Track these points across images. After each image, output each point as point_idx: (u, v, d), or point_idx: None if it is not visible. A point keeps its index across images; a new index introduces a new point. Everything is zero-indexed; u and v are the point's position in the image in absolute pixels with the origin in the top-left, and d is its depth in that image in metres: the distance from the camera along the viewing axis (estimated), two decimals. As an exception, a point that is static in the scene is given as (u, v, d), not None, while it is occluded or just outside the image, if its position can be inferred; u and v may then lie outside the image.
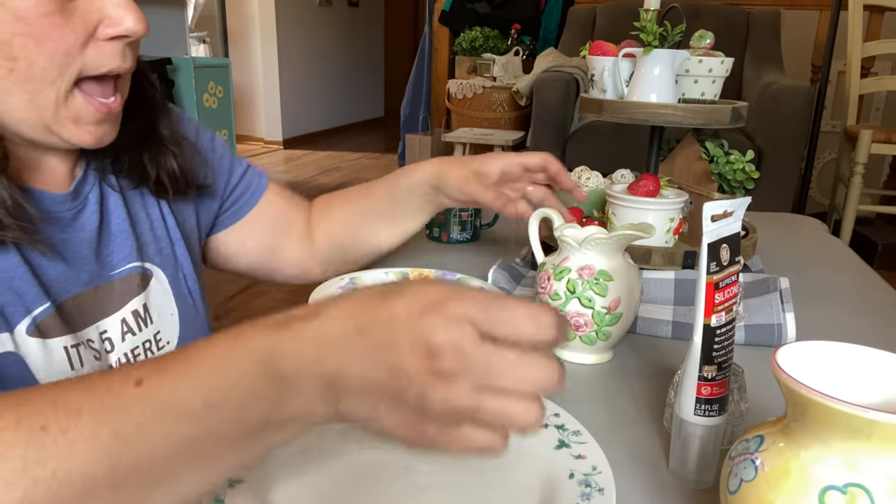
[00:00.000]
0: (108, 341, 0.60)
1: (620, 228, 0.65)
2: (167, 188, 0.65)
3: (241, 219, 0.78)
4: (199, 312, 0.70)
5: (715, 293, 0.47)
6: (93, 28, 0.51)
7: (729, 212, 0.47)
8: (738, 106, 0.93)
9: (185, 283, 0.68)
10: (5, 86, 0.49)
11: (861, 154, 2.67)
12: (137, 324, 0.62)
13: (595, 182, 0.98)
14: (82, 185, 0.60)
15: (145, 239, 0.65)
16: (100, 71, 0.52)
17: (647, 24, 0.89)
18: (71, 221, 0.58)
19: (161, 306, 0.65)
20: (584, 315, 0.66)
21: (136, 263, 0.63)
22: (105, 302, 0.60)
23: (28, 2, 0.47)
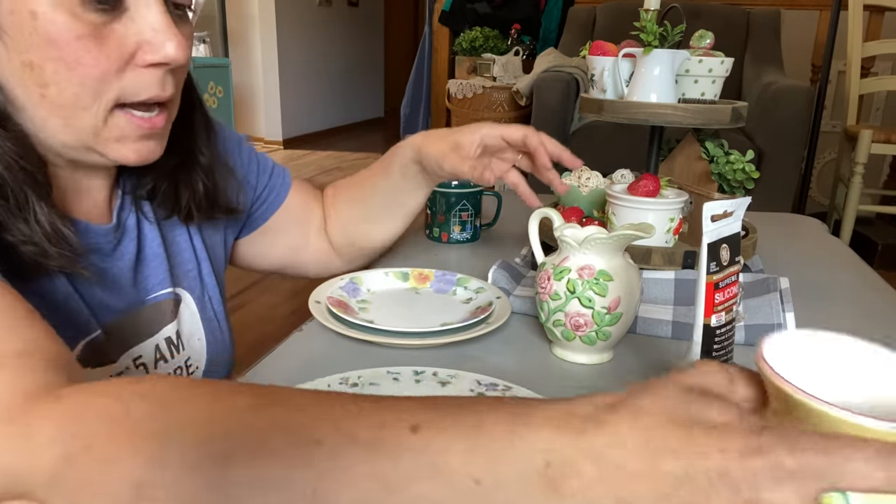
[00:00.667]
0: (143, 367, 0.59)
1: (620, 228, 0.65)
2: (194, 215, 0.64)
3: (265, 222, 0.78)
4: (223, 334, 0.69)
5: (715, 293, 0.47)
6: (130, 54, 0.48)
7: (729, 212, 0.47)
8: (738, 106, 0.93)
9: (211, 306, 0.68)
10: (41, 112, 0.48)
11: (861, 154, 2.67)
12: (171, 350, 0.62)
13: (595, 182, 0.98)
14: (121, 214, 0.60)
15: (174, 262, 0.64)
16: (138, 98, 0.50)
17: (647, 24, 0.89)
18: (111, 251, 0.58)
19: (190, 332, 0.65)
20: (584, 315, 0.66)
21: (170, 289, 0.63)
22: (140, 328, 0.59)
23: (60, 26, 0.45)
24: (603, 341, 0.68)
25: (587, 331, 0.67)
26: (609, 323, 0.66)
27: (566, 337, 0.69)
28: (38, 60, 0.46)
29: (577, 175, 1.01)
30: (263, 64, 5.88)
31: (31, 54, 0.45)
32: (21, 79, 0.47)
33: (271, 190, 0.78)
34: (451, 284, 0.87)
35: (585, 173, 1.00)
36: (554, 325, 0.69)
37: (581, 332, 0.67)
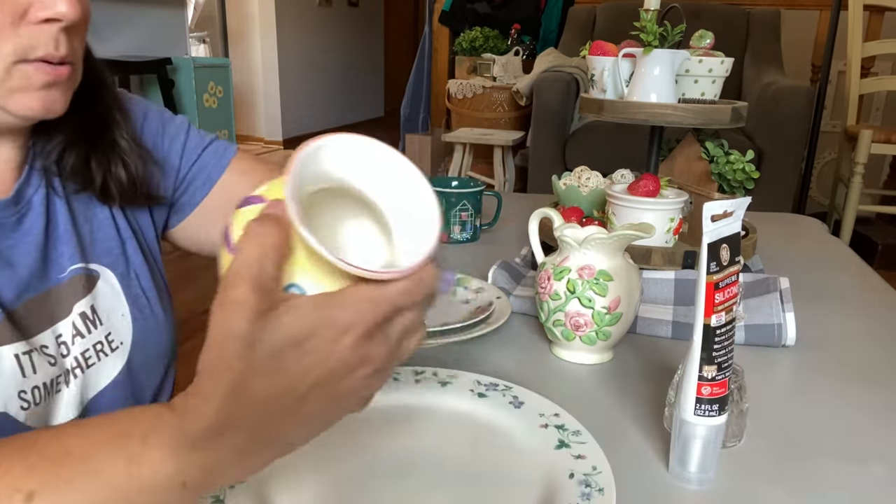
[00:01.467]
0: (64, 345, 0.58)
1: (620, 228, 0.65)
2: (114, 196, 0.62)
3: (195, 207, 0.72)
4: (155, 313, 0.66)
5: (715, 293, 0.47)
6: (23, 10, 0.48)
7: (729, 212, 0.47)
8: (738, 106, 0.93)
9: (139, 283, 0.65)
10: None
11: (861, 154, 2.67)
12: (86, 326, 0.60)
13: (595, 182, 0.98)
14: (25, 189, 0.58)
15: (91, 239, 0.63)
16: (34, 55, 0.50)
17: (647, 24, 0.89)
18: (15, 227, 0.57)
19: (110, 308, 0.63)
20: (584, 315, 0.66)
21: (80, 265, 0.61)
22: (56, 305, 0.58)
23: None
24: (603, 341, 0.68)
25: (587, 331, 0.67)
26: (609, 323, 0.66)
27: (566, 337, 0.69)
28: None
29: (577, 175, 1.01)
30: (263, 64, 5.88)
31: None
32: None
33: (200, 170, 0.72)
34: (451, 284, 0.87)
35: (585, 173, 1.00)
36: (554, 325, 0.69)
37: (581, 332, 0.67)
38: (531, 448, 0.52)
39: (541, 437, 0.53)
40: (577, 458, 0.50)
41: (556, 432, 0.53)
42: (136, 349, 0.64)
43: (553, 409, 0.56)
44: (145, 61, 3.46)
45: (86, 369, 0.59)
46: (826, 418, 0.61)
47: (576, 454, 0.51)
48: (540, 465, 0.50)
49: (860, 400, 0.64)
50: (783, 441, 0.57)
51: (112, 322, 0.62)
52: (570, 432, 0.53)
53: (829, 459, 0.54)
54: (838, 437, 0.58)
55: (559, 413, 0.56)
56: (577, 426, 0.54)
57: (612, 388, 0.65)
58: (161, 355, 0.67)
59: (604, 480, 0.47)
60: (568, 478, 0.48)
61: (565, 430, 0.53)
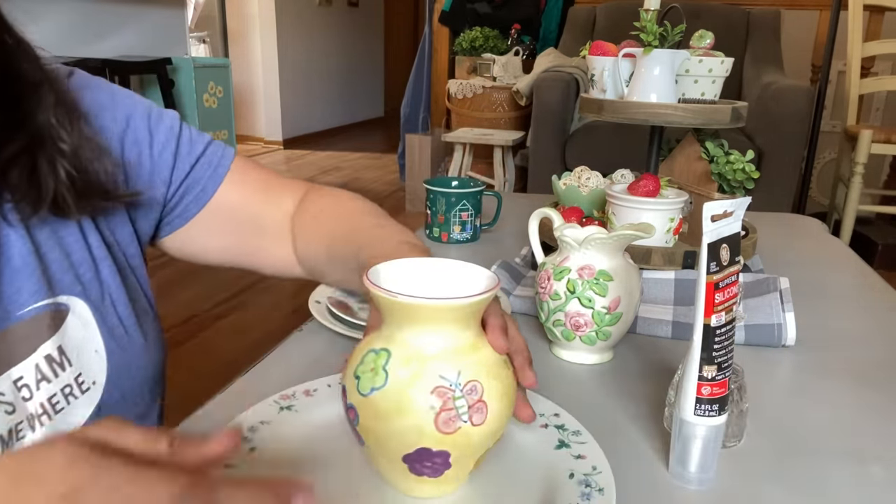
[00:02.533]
0: (26, 388, 0.53)
1: (620, 228, 0.65)
2: (69, 206, 0.54)
3: (188, 221, 0.67)
4: (134, 341, 0.59)
5: (715, 293, 0.47)
6: None
7: (729, 212, 0.47)
8: (738, 106, 0.93)
9: (115, 311, 0.59)
10: None
11: (861, 154, 2.67)
12: (52, 369, 0.54)
13: (595, 182, 0.98)
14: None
15: (57, 268, 0.56)
16: None
17: (647, 24, 0.89)
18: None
19: (81, 345, 0.56)
20: (584, 315, 0.66)
21: (47, 301, 0.54)
22: (14, 347, 0.52)
23: None
24: (603, 341, 0.68)
25: (587, 331, 0.67)
26: (609, 323, 0.66)
27: (566, 337, 0.69)
28: None
29: (577, 175, 1.01)
30: (263, 64, 5.88)
31: None
32: None
33: (195, 182, 0.66)
34: None
35: (585, 173, 1.00)
36: (554, 325, 0.69)
37: (581, 332, 0.67)
38: (531, 448, 0.52)
39: (541, 437, 0.53)
40: (578, 458, 0.50)
41: (556, 432, 0.53)
42: (112, 385, 0.58)
43: (553, 408, 0.56)
44: (145, 61, 3.46)
45: (53, 416, 0.54)
46: (826, 418, 0.61)
47: (576, 454, 0.51)
48: (540, 465, 0.50)
49: (860, 400, 0.64)
50: (783, 441, 0.57)
51: (83, 361, 0.56)
52: (570, 432, 0.53)
53: (830, 459, 0.54)
54: (838, 437, 0.58)
55: (559, 413, 0.56)
56: (577, 426, 0.54)
57: (612, 388, 0.65)
58: (144, 383, 0.61)
59: (604, 480, 0.47)
60: (568, 478, 0.48)
61: (565, 430, 0.53)
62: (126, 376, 0.59)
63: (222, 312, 2.48)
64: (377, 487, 0.48)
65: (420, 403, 0.41)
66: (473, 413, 0.42)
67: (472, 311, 0.43)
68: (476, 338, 0.45)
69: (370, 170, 5.22)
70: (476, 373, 0.43)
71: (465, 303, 0.42)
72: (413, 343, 0.43)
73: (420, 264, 0.48)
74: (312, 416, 0.55)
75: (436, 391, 0.41)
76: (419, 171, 3.74)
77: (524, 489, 0.48)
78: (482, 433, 0.43)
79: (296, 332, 0.76)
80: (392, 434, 0.42)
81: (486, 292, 0.42)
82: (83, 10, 3.37)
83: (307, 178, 4.84)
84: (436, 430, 0.41)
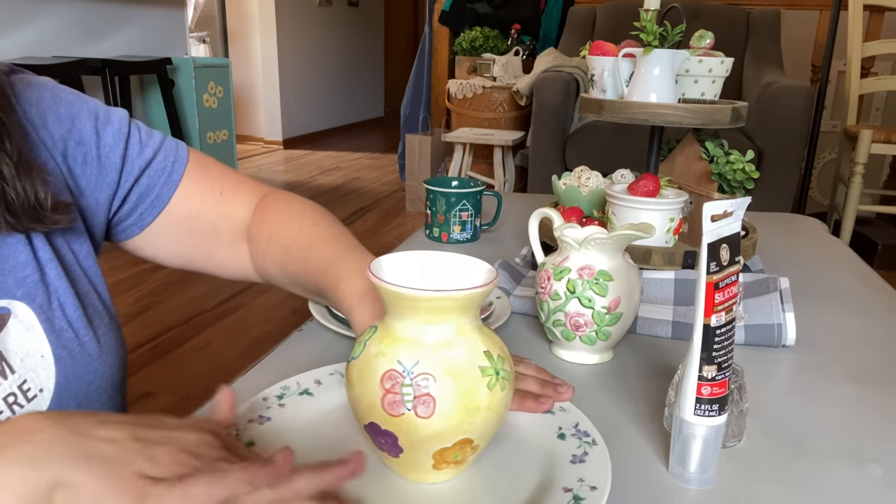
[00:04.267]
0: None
1: (620, 228, 0.65)
2: (19, 222, 0.53)
3: (143, 229, 0.66)
4: (85, 347, 0.57)
5: (715, 293, 0.47)
6: None
7: (729, 212, 0.47)
8: (738, 106, 0.93)
9: (63, 314, 0.56)
10: None
11: (861, 154, 2.67)
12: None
13: (595, 182, 0.98)
14: None
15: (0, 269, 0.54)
16: None
17: (647, 24, 0.89)
18: None
19: (25, 350, 0.53)
20: (584, 315, 0.66)
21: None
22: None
23: None
24: (603, 341, 0.68)
25: (587, 331, 0.67)
26: (609, 323, 0.66)
27: (566, 337, 0.69)
28: None
29: (577, 175, 1.01)
30: (263, 64, 5.88)
31: None
32: None
33: (148, 189, 0.65)
34: None
35: (585, 173, 1.00)
36: (554, 325, 0.69)
37: (581, 332, 0.67)
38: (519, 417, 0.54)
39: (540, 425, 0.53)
40: (560, 410, 0.54)
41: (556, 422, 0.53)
42: (63, 393, 0.55)
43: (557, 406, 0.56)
44: (145, 61, 3.46)
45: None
46: (826, 418, 0.61)
47: (564, 418, 0.54)
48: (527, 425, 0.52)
49: (860, 400, 0.64)
50: (783, 441, 0.57)
51: (27, 367, 0.53)
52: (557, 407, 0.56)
53: (829, 459, 0.54)
54: (838, 438, 0.58)
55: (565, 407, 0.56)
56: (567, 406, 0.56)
57: (612, 388, 0.65)
58: (101, 390, 0.59)
59: (592, 431, 0.51)
60: (558, 438, 0.51)
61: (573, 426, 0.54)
62: (78, 383, 0.56)
63: (222, 312, 2.48)
64: (379, 471, 0.49)
65: (373, 379, 0.44)
66: (419, 404, 0.43)
67: (448, 306, 0.43)
68: (459, 335, 0.44)
69: (370, 170, 5.22)
70: (432, 367, 0.43)
71: (432, 295, 0.42)
72: (396, 327, 0.45)
73: (432, 257, 0.50)
74: (321, 401, 0.57)
75: (388, 373, 0.43)
76: (419, 171, 3.74)
77: (510, 444, 0.51)
78: (430, 426, 0.43)
79: (296, 332, 0.76)
80: (353, 401, 0.46)
81: (465, 289, 0.43)
82: (83, 10, 3.37)
83: (307, 177, 4.84)
84: (382, 409, 0.44)
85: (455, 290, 0.42)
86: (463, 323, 0.45)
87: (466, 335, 0.45)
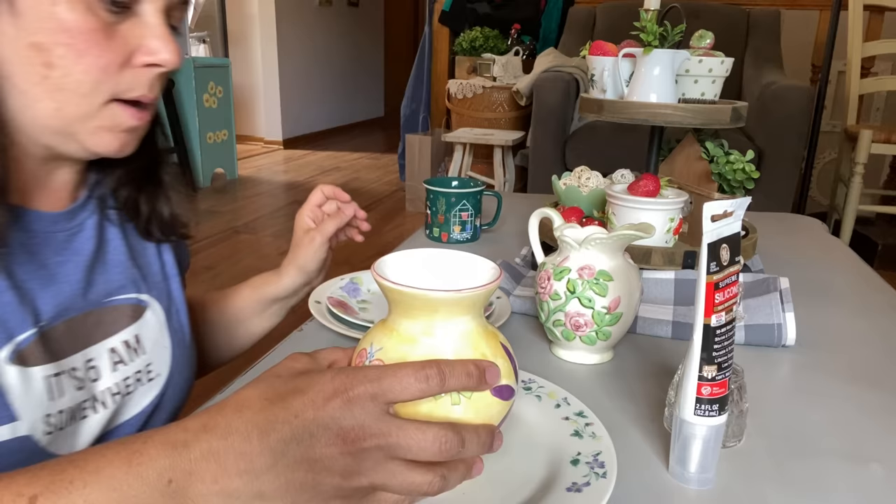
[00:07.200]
0: (94, 370, 0.58)
1: (620, 228, 0.65)
2: (154, 232, 0.66)
3: None
4: (189, 348, 0.69)
5: (715, 293, 0.47)
6: (130, 53, 0.52)
7: (729, 212, 0.47)
8: (738, 106, 0.93)
9: (179, 318, 0.68)
10: (35, 92, 0.50)
11: (861, 154, 2.67)
12: (129, 354, 0.61)
13: (595, 182, 0.98)
14: (80, 210, 0.60)
15: (143, 272, 0.65)
16: (130, 95, 0.53)
17: (647, 24, 0.89)
18: (65, 244, 0.58)
19: (155, 339, 0.64)
20: (584, 315, 0.66)
21: (132, 294, 0.63)
22: (93, 329, 0.59)
23: (76, 15, 0.48)
24: (603, 341, 0.68)
25: (587, 331, 0.67)
26: (609, 323, 0.66)
27: (566, 337, 0.69)
28: (48, 43, 0.48)
29: (577, 175, 1.01)
30: (263, 64, 5.88)
31: (42, 36, 0.48)
32: (25, 58, 0.49)
33: None
34: None
35: (585, 173, 1.00)
36: (554, 325, 0.69)
37: (581, 332, 0.67)
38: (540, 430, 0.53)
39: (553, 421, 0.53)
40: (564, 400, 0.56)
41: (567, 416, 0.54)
42: (171, 380, 0.66)
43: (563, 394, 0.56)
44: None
45: (122, 397, 0.60)
46: (826, 418, 0.61)
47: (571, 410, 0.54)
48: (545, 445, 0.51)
49: (860, 400, 0.64)
50: (783, 441, 0.57)
51: (154, 353, 0.64)
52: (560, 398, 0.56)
53: (829, 459, 0.54)
54: (838, 438, 0.58)
55: (542, 384, 0.56)
56: (564, 394, 0.57)
57: (612, 388, 0.65)
58: (187, 384, 0.69)
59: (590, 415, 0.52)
60: (571, 435, 0.48)
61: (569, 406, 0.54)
62: (180, 373, 0.67)
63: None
64: None
65: (353, 356, 0.46)
66: None
67: (420, 305, 0.42)
68: (429, 337, 0.42)
69: (370, 170, 5.22)
70: (388, 356, 0.42)
71: (403, 289, 0.41)
72: (389, 316, 0.45)
73: (445, 256, 0.50)
74: None
75: (361, 352, 0.45)
76: (419, 171, 3.74)
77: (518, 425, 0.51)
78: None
79: (296, 332, 0.76)
80: None
81: (444, 290, 0.41)
82: (83, 10, 3.37)
83: (307, 178, 4.84)
84: None
85: (423, 289, 0.42)
86: (453, 327, 0.43)
87: (452, 340, 0.43)
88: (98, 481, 0.33)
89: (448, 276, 0.49)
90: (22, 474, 0.34)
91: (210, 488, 0.34)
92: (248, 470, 0.34)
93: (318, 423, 0.35)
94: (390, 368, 0.37)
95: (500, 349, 0.45)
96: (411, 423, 0.36)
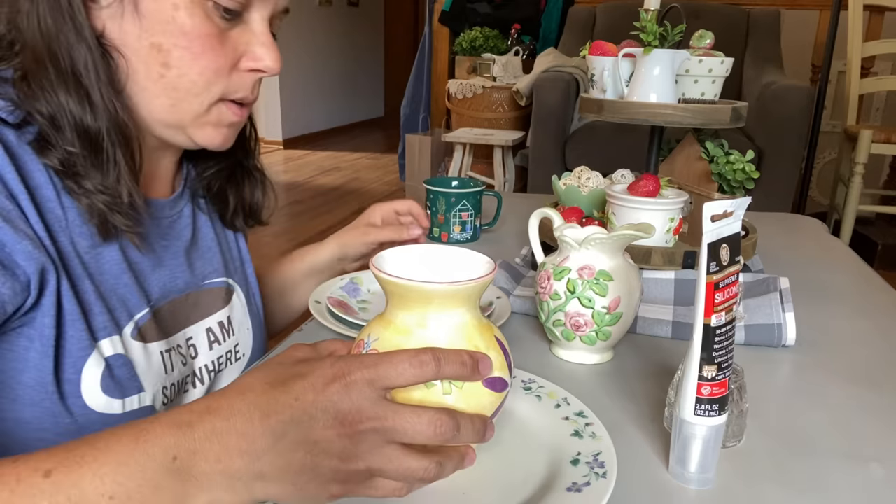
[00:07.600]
0: (193, 348, 0.64)
1: (620, 228, 0.65)
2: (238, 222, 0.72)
3: None
4: (263, 330, 0.75)
5: (715, 293, 0.47)
6: (238, 58, 0.57)
7: (729, 212, 0.47)
8: (738, 106, 0.93)
9: (255, 301, 0.74)
10: (153, 89, 0.55)
11: (861, 154, 2.67)
12: (223, 334, 0.68)
13: (595, 182, 0.98)
14: (179, 199, 0.66)
15: (227, 257, 0.71)
16: (236, 96, 0.59)
17: (647, 24, 0.89)
18: (168, 229, 0.64)
19: (241, 320, 0.71)
20: (584, 315, 0.66)
21: (223, 279, 0.69)
22: (192, 310, 0.64)
23: (195, 20, 0.53)
24: (603, 341, 0.68)
25: (587, 331, 0.67)
26: (609, 323, 0.66)
27: (566, 337, 0.69)
28: (168, 45, 0.53)
29: (577, 175, 1.01)
30: (263, 64, 5.87)
31: (163, 38, 0.53)
32: (146, 57, 0.53)
33: None
34: None
35: (585, 173, 1.00)
36: (554, 325, 0.69)
37: (581, 332, 0.67)
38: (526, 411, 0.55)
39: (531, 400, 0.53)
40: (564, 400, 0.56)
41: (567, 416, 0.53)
42: (252, 360, 0.71)
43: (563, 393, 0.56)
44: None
45: (215, 375, 0.66)
46: (826, 418, 0.61)
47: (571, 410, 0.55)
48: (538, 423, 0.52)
49: (860, 400, 0.64)
50: (783, 441, 0.57)
51: (241, 334, 0.70)
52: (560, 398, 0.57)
53: (829, 459, 0.54)
54: (838, 437, 0.58)
55: (542, 385, 0.56)
56: (564, 394, 0.57)
57: (612, 388, 0.65)
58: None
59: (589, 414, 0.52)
60: (561, 417, 0.48)
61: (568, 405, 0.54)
62: (256, 356, 0.72)
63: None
64: None
65: (353, 345, 0.47)
66: None
67: (415, 297, 0.43)
68: (423, 329, 0.43)
69: (370, 170, 5.21)
70: (383, 347, 0.44)
71: (398, 281, 0.43)
72: (386, 308, 0.46)
73: (442, 251, 0.51)
74: None
75: (358, 343, 0.46)
76: (419, 171, 3.74)
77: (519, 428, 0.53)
78: None
79: (296, 332, 0.76)
80: None
81: (438, 282, 0.42)
82: (83, 10, 3.37)
83: (307, 177, 4.84)
84: None
85: (414, 280, 0.43)
86: (447, 320, 0.44)
87: (447, 333, 0.44)
88: (107, 457, 0.35)
89: (444, 270, 0.50)
90: (40, 452, 0.36)
91: (213, 467, 0.35)
92: (249, 451, 0.35)
93: (317, 406, 0.36)
94: (387, 355, 0.39)
95: (493, 342, 0.46)
96: (407, 406, 0.38)
